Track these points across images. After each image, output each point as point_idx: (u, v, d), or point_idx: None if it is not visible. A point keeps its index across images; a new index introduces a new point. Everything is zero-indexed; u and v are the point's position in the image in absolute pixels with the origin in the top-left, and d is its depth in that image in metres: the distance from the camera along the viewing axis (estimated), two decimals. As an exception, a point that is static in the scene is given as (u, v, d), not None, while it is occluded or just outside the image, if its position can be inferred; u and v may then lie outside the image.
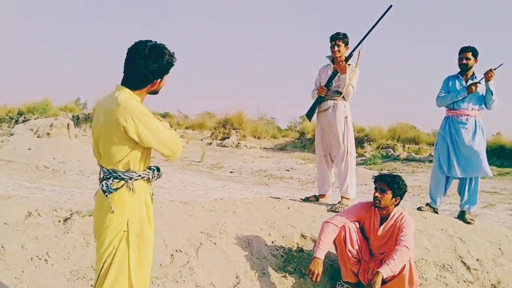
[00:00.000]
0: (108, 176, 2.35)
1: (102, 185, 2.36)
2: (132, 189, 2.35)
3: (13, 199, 4.31)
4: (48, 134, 13.76)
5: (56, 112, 24.60)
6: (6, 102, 28.59)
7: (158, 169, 2.55)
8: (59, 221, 3.96)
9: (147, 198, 2.45)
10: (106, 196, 2.33)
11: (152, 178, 2.48)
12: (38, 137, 13.79)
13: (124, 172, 2.34)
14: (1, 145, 12.99)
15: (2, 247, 3.46)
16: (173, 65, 2.43)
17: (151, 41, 2.35)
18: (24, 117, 24.04)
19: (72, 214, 4.07)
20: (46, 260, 3.42)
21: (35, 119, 18.99)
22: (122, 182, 2.34)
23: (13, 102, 27.84)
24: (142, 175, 2.40)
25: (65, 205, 4.30)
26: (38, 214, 4.01)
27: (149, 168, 2.48)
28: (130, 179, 2.35)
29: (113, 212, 2.31)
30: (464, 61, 5.07)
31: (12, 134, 14.24)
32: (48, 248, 3.54)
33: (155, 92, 2.48)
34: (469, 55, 5.05)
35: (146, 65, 2.30)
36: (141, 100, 2.40)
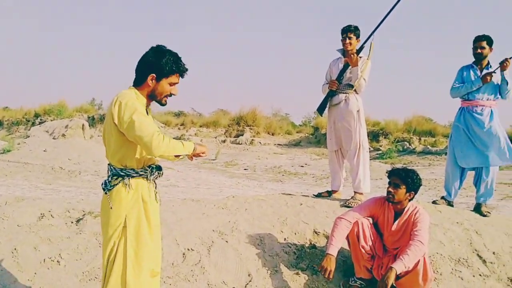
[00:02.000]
0: (110, 174, 2.48)
1: (103, 183, 2.50)
2: (129, 185, 2.42)
3: (26, 201, 4.35)
4: (63, 135, 13.93)
5: (72, 113, 24.79)
6: (23, 105, 28.95)
7: (159, 168, 2.60)
8: (72, 222, 3.98)
9: (144, 194, 2.49)
10: (106, 193, 2.46)
11: (151, 176, 2.52)
12: (53, 138, 13.97)
13: (121, 169, 2.43)
14: (18, 147, 13.18)
15: (15, 249, 3.49)
16: (176, 71, 2.45)
17: (165, 47, 2.46)
18: (40, 119, 24.29)
19: (84, 214, 4.09)
20: (58, 262, 3.44)
21: (51, 121, 19.20)
22: (119, 179, 2.43)
23: (29, 104, 28.15)
24: (140, 173, 2.46)
25: (78, 206, 4.32)
26: (51, 215, 4.04)
27: (149, 166, 2.53)
28: (127, 176, 2.43)
29: (111, 208, 2.42)
30: (479, 50, 4.97)
31: (28, 136, 14.43)
32: (61, 249, 3.56)
33: (156, 99, 2.51)
34: (484, 43, 4.95)
35: (145, 60, 2.43)
36: (146, 103, 2.48)
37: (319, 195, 5.23)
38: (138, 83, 2.46)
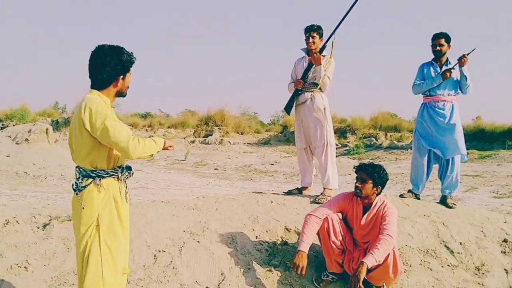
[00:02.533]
0: (79, 176, 2.50)
1: (73, 184, 2.52)
2: (100, 185, 2.46)
3: (-10, 207, 4.22)
4: (27, 140, 13.54)
5: (35, 118, 24.21)
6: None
7: (129, 168, 2.65)
8: (38, 228, 3.89)
9: (116, 194, 2.53)
10: (77, 194, 2.48)
11: (121, 176, 2.56)
12: (16, 143, 13.57)
13: (92, 170, 2.47)
14: (-21, 154, 12.74)
15: (-20, 257, 3.38)
16: (133, 62, 2.56)
17: (107, 44, 2.51)
18: (2, 124, 23.62)
19: (51, 219, 4.00)
20: (26, 268, 3.36)
21: (13, 125, 18.66)
22: (90, 179, 2.46)
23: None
24: (111, 173, 2.51)
25: (44, 211, 4.22)
26: (16, 221, 3.93)
27: (119, 167, 2.58)
28: (98, 177, 2.47)
29: (83, 208, 2.44)
30: (438, 48, 5.10)
31: (-10, 142, 13.96)
32: (28, 256, 3.47)
33: (122, 94, 2.61)
34: (442, 41, 5.08)
35: (107, 63, 2.45)
36: (110, 101, 2.54)
37: (289, 193, 5.27)
38: (103, 86, 2.50)
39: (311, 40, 4.92)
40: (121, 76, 2.51)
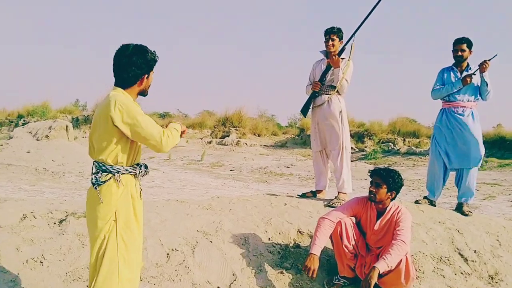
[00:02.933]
0: (97, 170, 2.52)
1: (92, 178, 2.55)
2: (119, 181, 2.50)
3: (9, 202, 4.30)
4: (47, 136, 13.76)
5: (56, 115, 24.57)
6: (6, 106, 28.65)
7: (146, 166, 2.70)
8: (54, 223, 3.95)
9: (133, 191, 2.58)
10: (95, 188, 2.51)
11: (139, 173, 2.62)
12: (37, 139, 13.79)
13: (112, 165, 2.51)
14: (0, 149, 12.99)
15: (-3, 250, 3.45)
16: (156, 61, 2.61)
17: (132, 43, 2.56)
18: (24, 121, 24.04)
19: (67, 215, 4.07)
20: (41, 262, 3.42)
21: (34, 122, 18.98)
22: (110, 175, 2.50)
23: (12, 106, 27.89)
24: (129, 170, 2.56)
25: (60, 207, 4.29)
26: (34, 216, 4.00)
27: (137, 164, 2.64)
28: (118, 173, 2.51)
29: (101, 202, 2.48)
30: (459, 53, 5.05)
31: (11, 137, 14.23)
32: (44, 250, 3.53)
33: (144, 93, 2.66)
34: (464, 46, 5.02)
35: (132, 62, 2.50)
36: (133, 99, 2.58)
37: (303, 196, 5.27)
38: (128, 84, 2.56)
39: (330, 42, 4.91)
40: (146, 75, 2.58)
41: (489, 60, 4.86)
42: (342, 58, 4.92)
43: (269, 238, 4.10)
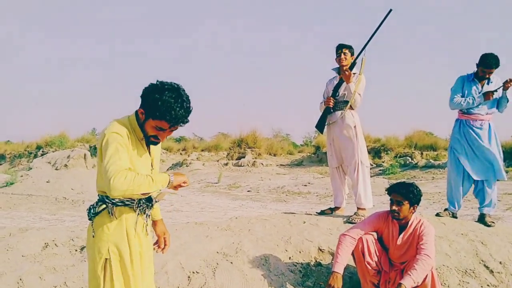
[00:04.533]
0: (96, 201, 2.30)
1: (87, 209, 2.31)
2: (112, 214, 2.23)
3: (30, 231, 4.35)
4: (65, 165, 13.94)
5: (73, 144, 24.93)
6: (24, 138, 29.19)
7: (149, 200, 2.38)
8: (76, 250, 3.98)
9: (129, 226, 2.28)
10: (90, 219, 2.29)
11: (138, 207, 2.30)
12: (56, 169, 13.98)
13: (107, 196, 2.23)
14: (21, 180, 13.19)
15: (21, 279, 3.48)
16: (161, 117, 2.16)
17: (176, 85, 2.22)
18: (43, 151, 24.40)
19: (88, 242, 4.09)
20: (64, 290, 3.43)
21: (52, 152, 19.25)
22: (104, 206, 2.25)
23: (31, 138, 28.39)
24: (126, 202, 2.27)
25: (81, 234, 4.32)
26: (55, 244, 4.04)
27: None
28: (112, 204, 2.24)
29: (93, 236, 2.24)
30: (487, 76, 4.97)
31: (31, 168, 14.45)
32: (66, 278, 3.55)
33: (147, 140, 2.29)
34: (493, 70, 4.94)
35: (144, 89, 2.21)
36: (141, 135, 2.28)
37: (322, 213, 5.23)
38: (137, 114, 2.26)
39: (342, 56, 4.93)
40: (142, 111, 2.21)
41: None
42: (354, 73, 4.93)
43: (289, 257, 4.06)
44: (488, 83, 5.00)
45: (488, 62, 4.90)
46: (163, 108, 2.12)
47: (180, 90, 2.19)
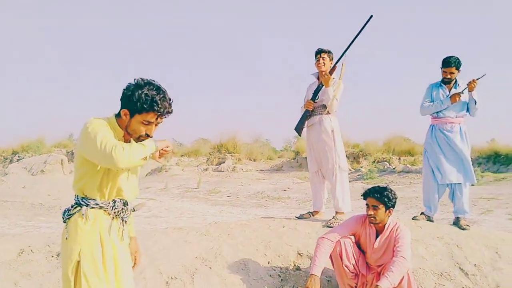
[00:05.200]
0: (72, 204, 2.29)
1: (62, 212, 2.31)
2: (85, 216, 2.21)
3: (5, 237, 4.28)
4: (42, 171, 13.76)
5: (50, 149, 24.57)
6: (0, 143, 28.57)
7: (125, 204, 2.35)
8: (52, 256, 3.93)
9: (102, 230, 2.25)
10: (64, 222, 2.27)
11: (112, 210, 2.28)
12: (32, 175, 13.78)
13: (82, 198, 2.24)
14: (-4, 186, 12.95)
15: (-5, 286, 3.42)
16: (148, 109, 2.19)
17: (153, 81, 2.26)
18: (19, 156, 23.98)
19: (65, 248, 4.04)
20: (40, 297, 3.38)
21: (29, 157, 18.94)
22: (78, 208, 2.24)
23: (6, 143, 27.80)
24: (100, 205, 2.25)
25: (58, 240, 4.26)
26: (31, 250, 3.98)
27: (113, 200, 2.31)
28: (86, 206, 2.23)
29: (66, 239, 2.21)
30: (448, 76, 5.12)
31: (6, 174, 14.20)
32: (41, 285, 3.51)
33: (141, 140, 2.26)
34: (453, 69, 5.07)
35: (123, 90, 2.23)
36: (124, 137, 2.29)
37: (301, 217, 5.26)
38: (119, 114, 2.26)
39: (321, 61, 4.99)
40: (126, 111, 2.22)
41: (477, 79, 4.95)
42: (333, 78, 4.98)
43: (268, 262, 4.08)
44: (455, 87, 5.16)
45: (447, 61, 5.09)
46: (148, 100, 2.17)
47: (158, 85, 2.26)
